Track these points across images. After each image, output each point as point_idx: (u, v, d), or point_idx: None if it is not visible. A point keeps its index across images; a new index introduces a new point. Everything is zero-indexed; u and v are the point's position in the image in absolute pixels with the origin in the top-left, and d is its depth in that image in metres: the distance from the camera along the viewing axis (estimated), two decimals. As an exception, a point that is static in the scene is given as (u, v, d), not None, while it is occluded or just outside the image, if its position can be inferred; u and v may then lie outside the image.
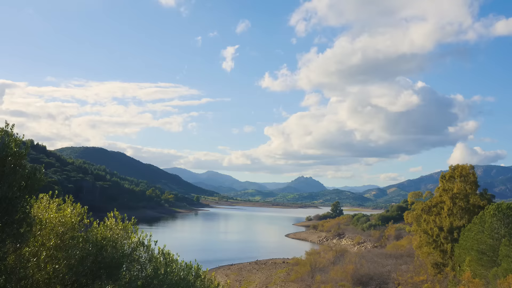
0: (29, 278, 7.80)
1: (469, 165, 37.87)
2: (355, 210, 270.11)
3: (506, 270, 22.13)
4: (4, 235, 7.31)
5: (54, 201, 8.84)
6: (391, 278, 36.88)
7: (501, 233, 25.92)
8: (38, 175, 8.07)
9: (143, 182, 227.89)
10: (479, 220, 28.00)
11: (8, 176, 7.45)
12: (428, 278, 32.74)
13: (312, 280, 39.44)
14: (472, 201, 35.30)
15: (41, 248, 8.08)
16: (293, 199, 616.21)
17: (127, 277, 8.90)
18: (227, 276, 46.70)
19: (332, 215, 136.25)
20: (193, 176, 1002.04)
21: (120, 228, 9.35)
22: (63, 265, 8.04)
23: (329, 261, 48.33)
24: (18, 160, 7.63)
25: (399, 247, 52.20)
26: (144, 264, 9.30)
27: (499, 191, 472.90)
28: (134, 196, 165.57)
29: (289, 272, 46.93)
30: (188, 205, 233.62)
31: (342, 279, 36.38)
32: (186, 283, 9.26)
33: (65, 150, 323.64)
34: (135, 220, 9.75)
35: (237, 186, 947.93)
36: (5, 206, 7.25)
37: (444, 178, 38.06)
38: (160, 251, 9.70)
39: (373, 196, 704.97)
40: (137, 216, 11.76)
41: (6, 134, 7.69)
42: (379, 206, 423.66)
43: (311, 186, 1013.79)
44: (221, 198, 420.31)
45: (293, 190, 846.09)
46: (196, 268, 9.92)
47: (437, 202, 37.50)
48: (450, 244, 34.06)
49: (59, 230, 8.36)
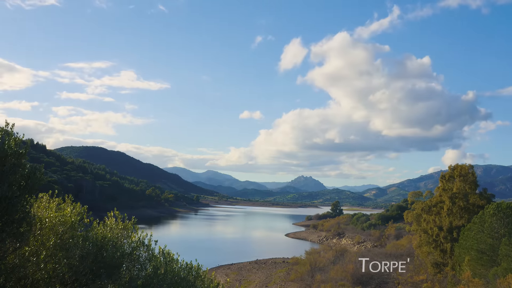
0: (29, 277, 7.80)
1: (469, 164, 37.93)
2: (355, 209, 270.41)
3: (505, 269, 22.14)
4: (4, 234, 7.30)
5: (54, 201, 8.80)
6: (391, 277, 36.88)
7: (500, 232, 25.94)
8: (38, 174, 8.04)
9: (143, 182, 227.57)
10: (479, 219, 28.00)
11: (8, 176, 7.43)
12: (427, 278, 32.73)
13: (312, 279, 39.43)
14: (472, 201, 35.34)
15: (41, 247, 8.05)
16: (293, 199, 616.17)
17: (127, 277, 8.90)
18: (227, 276, 46.71)
19: (332, 215, 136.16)
20: (192, 176, 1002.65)
21: (120, 227, 9.33)
22: (63, 264, 8.03)
23: (329, 261, 48.27)
24: (18, 159, 7.62)
25: (399, 246, 52.19)
26: (144, 263, 9.28)
27: (499, 191, 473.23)
28: (134, 195, 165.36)
29: (289, 271, 46.92)
30: (188, 205, 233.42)
31: (342, 278, 36.38)
32: (186, 282, 9.26)
33: (65, 150, 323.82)
34: (135, 220, 9.72)
35: (236, 186, 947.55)
36: (5, 206, 7.24)
37: (444, 178, 38.12)
38: (160, 250, 9.69)
39: (373, 195, 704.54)
40: (137, 215, 11.75)
41: (6, 134, 7.67)
42: (379, 205, 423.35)
43: (311, 186, 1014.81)
44: (221, 197, 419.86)
45: (293, 190, 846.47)
46: (197, 267, 9.90)
47: (437, 201, 37.54)
48: (450, 243, 34.10)
49: (59, 230, 8.33)
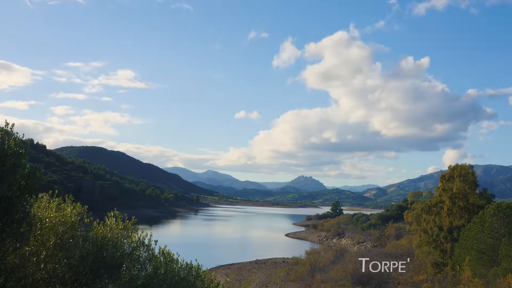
0: (29, 277, 7.79)
1: (469, 164, 37.95)
2: (355, 209, 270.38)
3: (506, 269, 22.13)
4: (4, 234, 7.29)
5: (54, 201, 8.78)
6: (391, 277, 36.88)
7: (500, 232, 25.93)
8: (38, 174, 8.03)
9: (143, 182, 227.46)
10: (479, 219, 28.00)
11: (8, 176, 7.42)
12: (427, 278, 32.72)
13: (312, 279, 39.43)
14: (472, 201, 35.35)
15: (41, 247, 8.04)
16: (293, 199, 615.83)
17: (127, 277, 8.89)
18: (227, 276, 46.69)
19: (332, 215, 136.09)
20: (192, 176, 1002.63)
21: (120, 227, 9.32)
22: (63, 264, 8.02)
23: (329, 261, 48.28)
24: (18, 159, 7.61)
25: (399, 246, 52.18)
26: (144, 263, 9.27)
27: (499, 191, 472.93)
28: (134, 195, 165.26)
29: (289, 271, 46.91)
30: (188, 205, 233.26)
31: (342, 278, 36.38)
32: (186, 282, 9.25)
33: (65, 150, 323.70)
34: (135, 220, 9.70)
35: (236, 186, 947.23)
36: (5, 206, 7.23)
37: (443, 178, 38.13)
38: (161, 250, 9.68)
39: (373, 195, 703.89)
40: (137, 215, 11.75)
41: (6, 134, 7.66)
42: (379, 205, 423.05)
43: (311, 186, 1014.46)
44: (221, 197, 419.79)
45: (293, 190, 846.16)
46: (197, 267, 9.89)
47: (437, 201, 37.55)
48: (450, 243, 34.11)
49: (59, 230, 8.31)
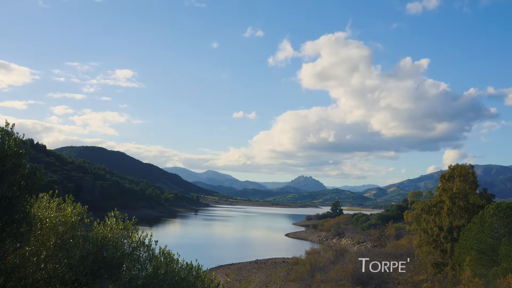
0: (29, 277, 7.79)
1: (469, 164, 37.94)
2: (355, 209, 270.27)
3: (506, 269, 22.14)
4: (4, 234, 7.29)
5: (54, 201, 8.78)
6: (391, 277, 36.87)
7: (501, 232, 25.93)
8: (38, 174, 8.02)
9: (143, 182, 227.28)
10: (479, 219, 28.00)
11: (8, 176, 7.42)
12: (428, 278, 32.73)
13: (312, 279, 39.42)
14: (472, 201, 35.34)
15: (41, 247, 8.04)
16: (293, 199, 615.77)
17: (127, 277, 8.89)
18: (227, 276, 46.70)
19: (332, 215, 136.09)
20: (192, 176, 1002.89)
21: (120, 227, 9.32)
22: (63, 264, 8.02)
23: (329, 261, 48.26)
24: (18, 159, 7.61)
25: (399, 246, 52.18)
26: (145, 263, 9.26)
27: (499, 191, 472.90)
28: (134, 195, 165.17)
29: (289, 271, 46.90)
30: (188, 205, 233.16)
31: (342, 278, 36.37)
32: (187, 283, 9.24)
33: (65, 150, 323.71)
34: (135, 220, 9.70)
35: (236, 186, 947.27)
36: (5, 206, 7.23)
37: (444, 177, 38.12)
38: (161, 251, 9.67)
39: (373, 195, 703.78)
40: (137, 215, 11.76)
41: (6, 134, 7.65)
42: (379, 205, 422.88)
43: (311, 186, 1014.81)
44: (221, 197, 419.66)
45: (293, 190, 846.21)
46: (197, 268, 9.88)
47: (437, 201, 37.54)
48: (450, 243, 34.10)
49: (59, 230, 8.32)
